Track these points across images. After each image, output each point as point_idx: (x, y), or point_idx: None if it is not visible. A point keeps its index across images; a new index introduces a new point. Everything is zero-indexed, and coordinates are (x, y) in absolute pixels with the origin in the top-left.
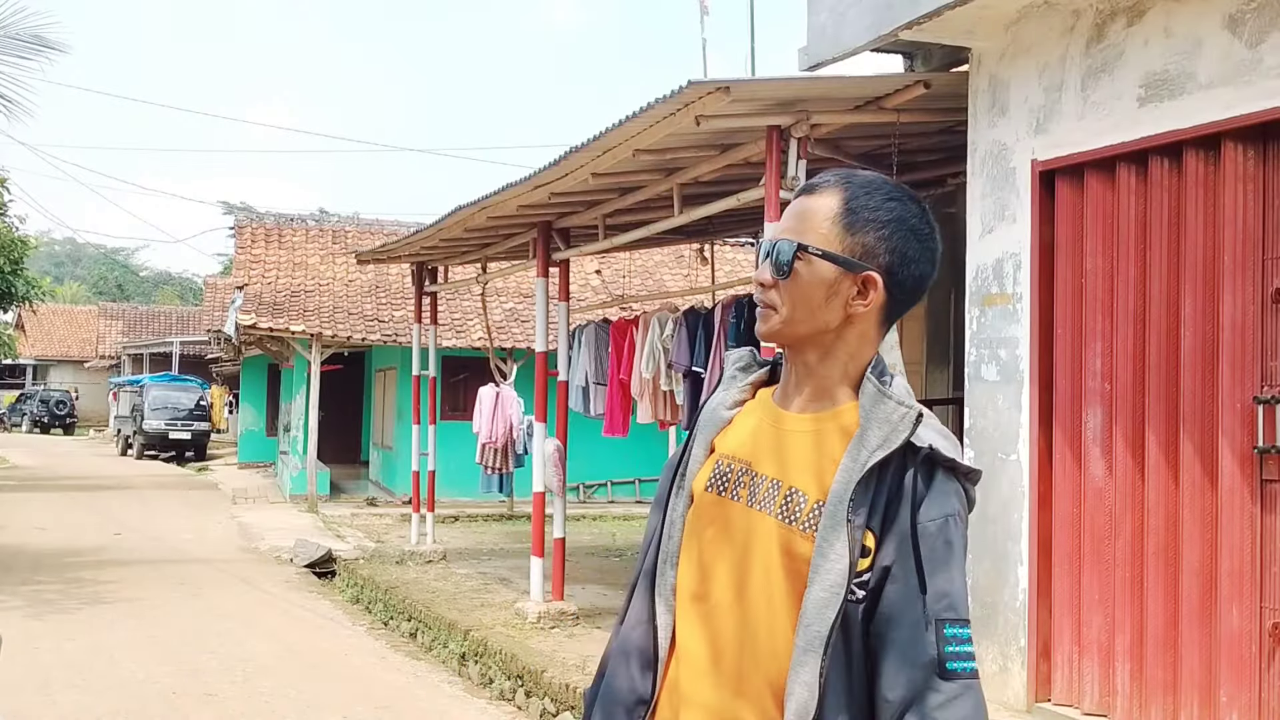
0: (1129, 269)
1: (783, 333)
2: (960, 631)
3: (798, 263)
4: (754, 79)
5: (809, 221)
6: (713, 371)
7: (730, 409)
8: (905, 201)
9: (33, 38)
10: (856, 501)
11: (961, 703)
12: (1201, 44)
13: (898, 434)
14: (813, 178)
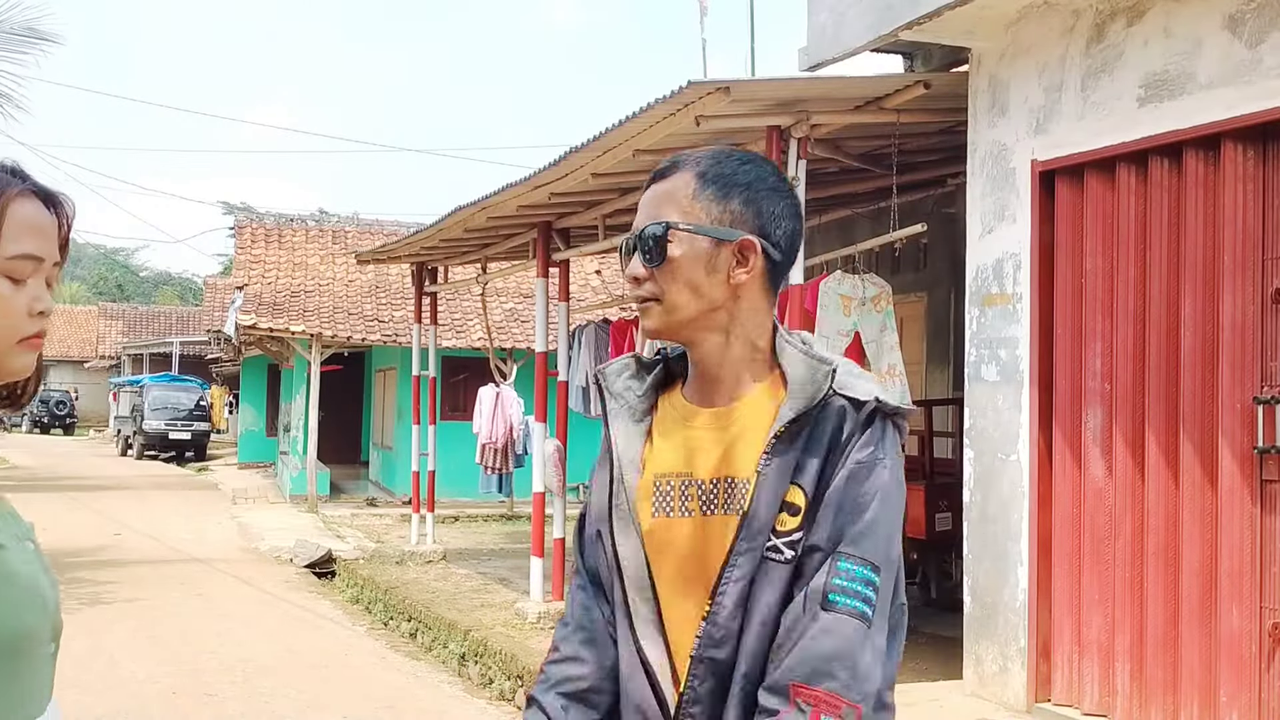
0: (1129, 269)
1: (671, 323)
2: (856, 569)
3: (670, 245)
4: (754, 79)
5: (669, 204)
6: None
7: (640, 422)
8: (758, 163)
9: (26, 30)
10: (772, 454)
11: (831, 637)
12: (1201, 44)
13: (819, 389)
14: (658, 166)
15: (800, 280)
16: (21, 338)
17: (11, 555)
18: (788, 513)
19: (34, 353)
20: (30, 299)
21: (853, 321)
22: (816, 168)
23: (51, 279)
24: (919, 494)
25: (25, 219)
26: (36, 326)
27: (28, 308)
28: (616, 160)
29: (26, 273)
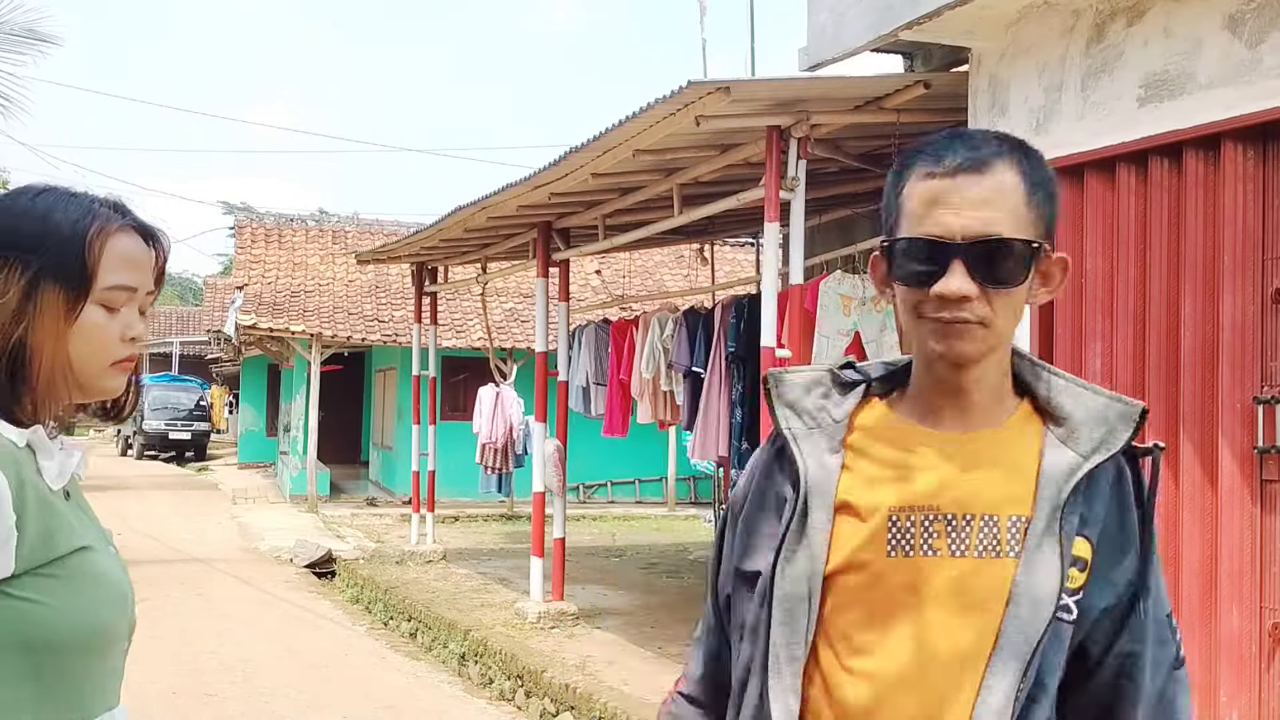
0: (1129, 269)
1: (988, 350)
2: (1167, 621)
3: (1032, 266)
4: (754, 79)
5: (1002, 208)
6: (712, 372)
7: (837, 452)
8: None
9: (26, 31)
10: (1069, 508)
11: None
12: (1201, 44)
13: (1117, 435)
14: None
15: (800, 280)
16: (113, 361)
17: (99, 556)
18: (1076, 568)
19: (125, 374)
20: (123, 326)
21: (853, 321)
22: (816, 168)
23: (144, 306)
24: None
25: (122, 253)
26: (127, 351)
27: (120, 334)
28: (616, 160)
29: (120, 302)
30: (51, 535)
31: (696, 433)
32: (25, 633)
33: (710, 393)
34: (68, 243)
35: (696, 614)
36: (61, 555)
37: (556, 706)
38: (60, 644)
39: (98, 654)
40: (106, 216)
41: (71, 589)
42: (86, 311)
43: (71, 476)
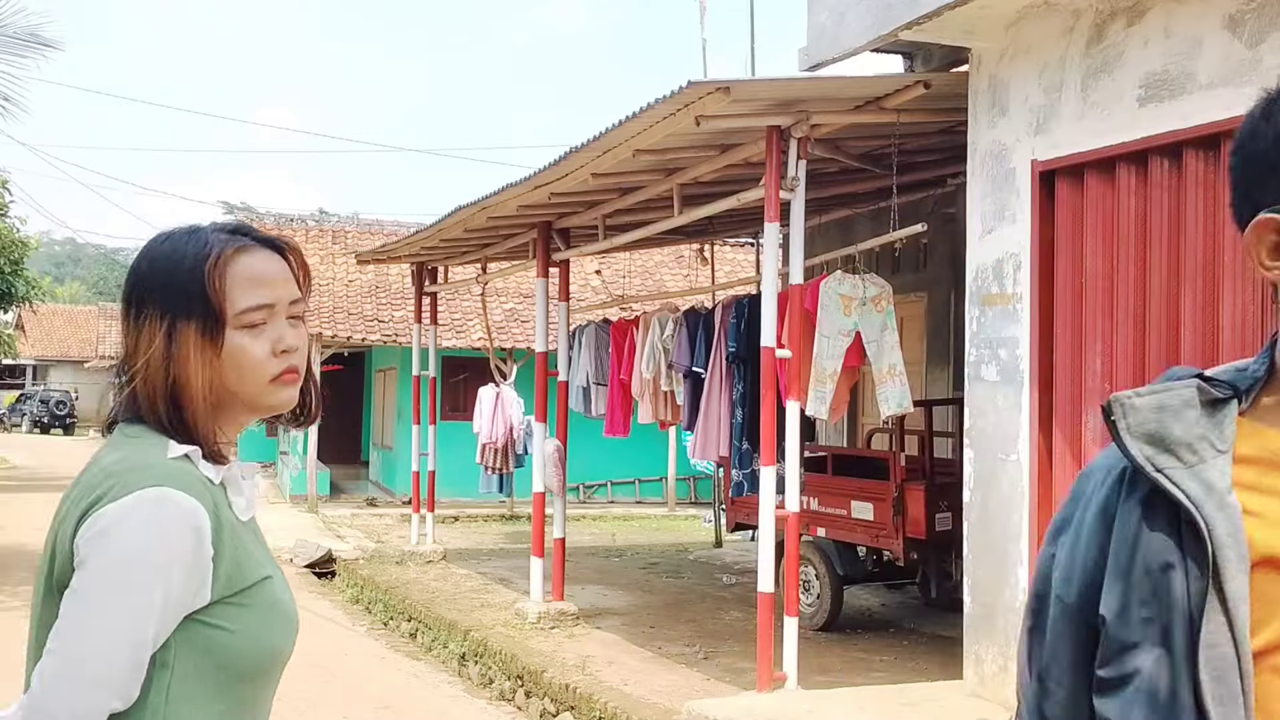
0: (1129, 269)
1: None
2: None
3: None
4: (754, 79)
5: None
6: (713, 372)
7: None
8: None
9: (29, 35)
10: None
11: None
12: (1201, 44)
13: None
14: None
15: (800, 280)
16: (271, 378)
17: (277, 584)
18: None
19: (290, 387)
20: (272, 342)
21: (853, 321)
22: (816, 168)
23: (295, 314)
24: (919, 494)
25: (247, 274)
26: (283, 364)
27: (270, 350)
28: (616, 160)
29: (261, 320)
30: (241, 566)
31: (697, 433)
32: (217, 658)
33: (711, 393)
34: (191, 281)
35: (696, 614)
36: (249, 585)
37: (556, 706)
38: (245, 669)
39: (268, 678)
40: (222, 244)
41: (256, 617)
42: (228, 339)
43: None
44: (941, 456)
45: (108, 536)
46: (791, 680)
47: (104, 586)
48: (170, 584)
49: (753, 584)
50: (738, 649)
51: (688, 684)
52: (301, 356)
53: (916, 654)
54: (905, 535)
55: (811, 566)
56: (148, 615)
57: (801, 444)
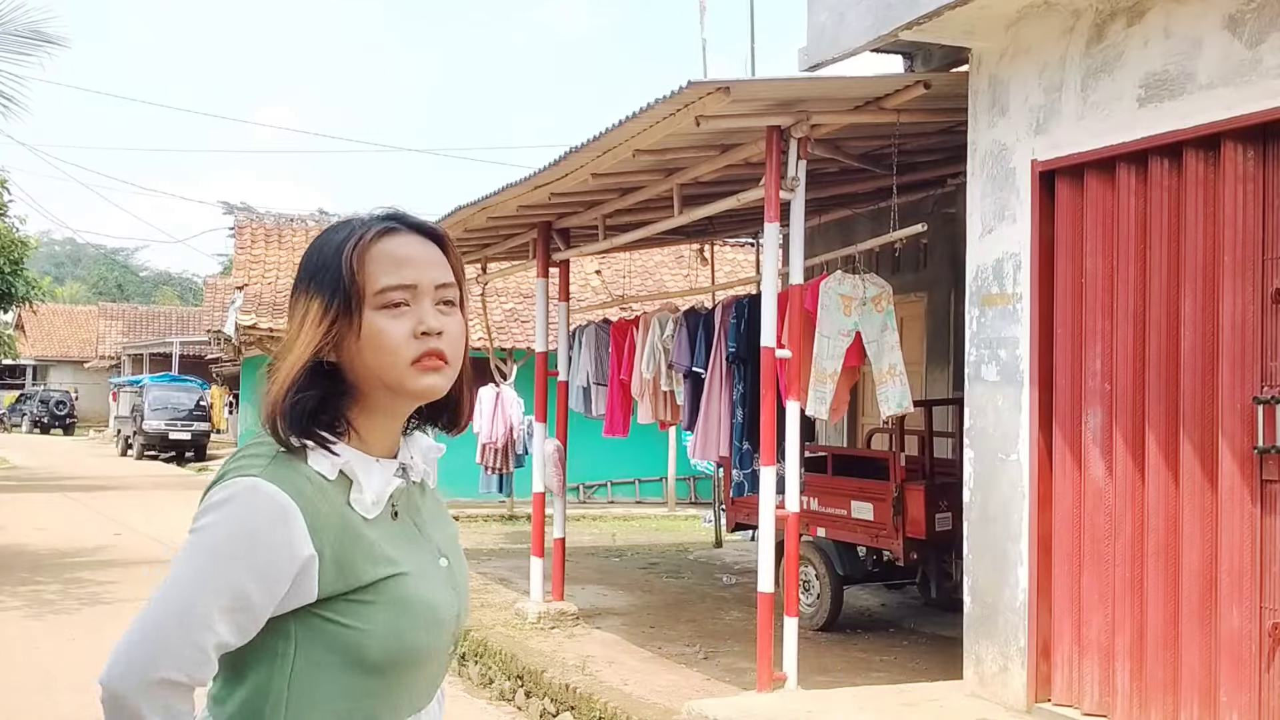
0: (1129, 269)
1: None
2: None
3: None
4: (754, 79)
5: None
6: (713, 373)
7: None
8: None
9: (32, 32)
10: None
11: None
12: (1201, 44)
13: None
14: None
15: (800, 280)
16: (411, 360)
17: (411, 581)
18: None
19: (433, 374)
20: (414, 323)
21: (854, 321)
22: (816, 168)
23: (444, 299)
24: (919, 494)
25: (389, 255)
26: (424, 347)
27: (411, 331)
28: (616, 160)
29: (401, 300)
30: (354, 564)
31: (697, 433)
32: (342, 654)
33: (711, 393)
34: (334, 264)
35: (696, 614)
36: (368, 583)
37: (557, 706)
38: (376, 664)
39: (406, 671)
40: (365, 228)
41: (385, 614)
42: (367, 319)
43: (419, 489)
44: (941, 456)
45: (201, 518)
46: (791, 680)
47: (181, 561)
48: (245, 572)
49: (753, 584)
50: (738, 649)
51: (688, 684)
52: (450, 343)
53: (916, 654)
54: (905, 535)
55: (811, 566)
56: (209, 594)
57: (801, 444)
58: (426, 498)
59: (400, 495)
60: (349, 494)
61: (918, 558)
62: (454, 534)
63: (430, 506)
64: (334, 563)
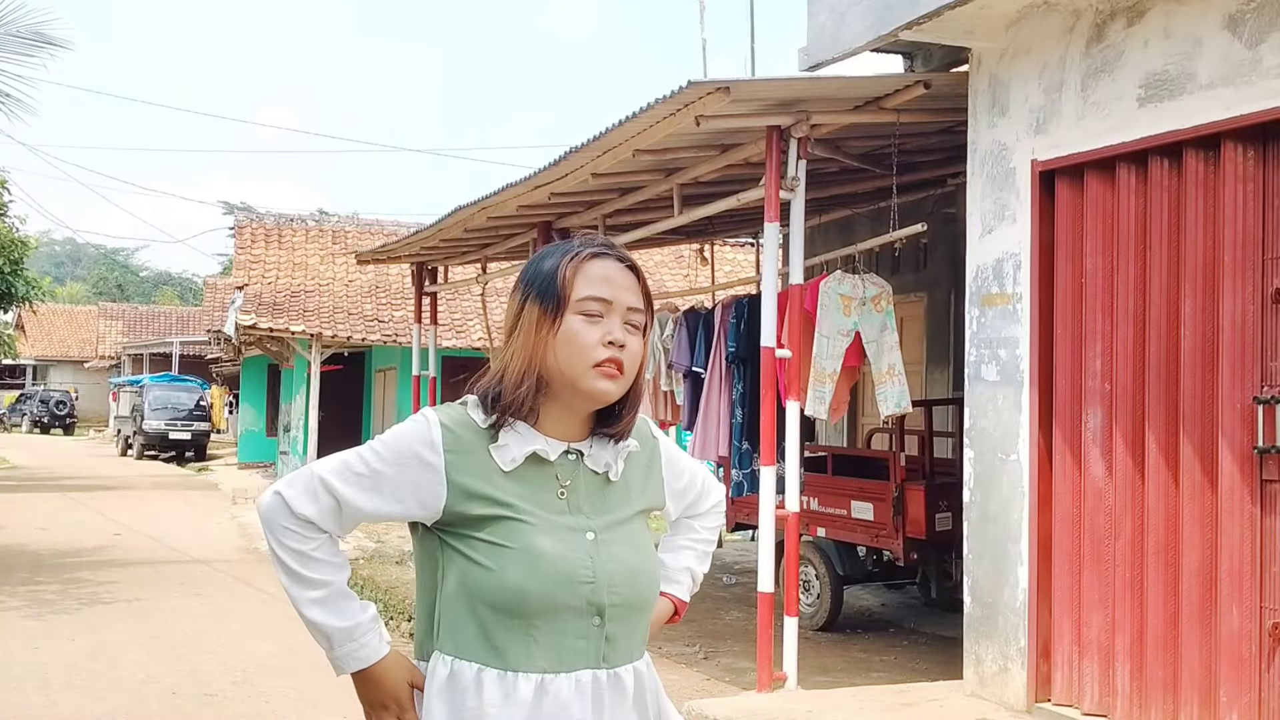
0: (1129, 269)
1: None
2: None
3: None
4: (754, 79)
5: None
6: (712, 372)
7: None
8: None
9: (34, 34)
10: None
11: None
12: (1201, 44)
13: None
14: None
15: (800, 280)
16: (594, 363)
17: (532, 531)
18: None
19: (609, 380)
20: (604, 332)
21: (853, 321)
22: (816, 168)
23: (633, 322)
24: (919, 494)
25: (593, 272)
26: (607, 354)
27: (600, 338)
28: (616, 160)
29: (597, 311)
30: (474, 490)
31: (697, 433)
32: (468, 586)
33: (710, 393)
34: (551, 274)
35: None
36: (480, 515)
37: None
38: (493, 601)
39: (529, 618)
40: (581, 248)
41: (501, 556)
42: (565, 321)
43: (601, 479)
44: (941, 456)
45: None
46: (791, 680)
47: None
48: (382, 449)
49: (753, 584)
50: (738, 649)
51: (688, 684)
52: (630, 356)
53: (916, 654)
54: (905, 535)
55: (811, 566)
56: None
57: (801, 444)
58: (611, 489)
59: (570, 473)
60: (490, 443)
61: (918, 558)
62: (630, 523)
63: (610, 496)
64: (459, 483)
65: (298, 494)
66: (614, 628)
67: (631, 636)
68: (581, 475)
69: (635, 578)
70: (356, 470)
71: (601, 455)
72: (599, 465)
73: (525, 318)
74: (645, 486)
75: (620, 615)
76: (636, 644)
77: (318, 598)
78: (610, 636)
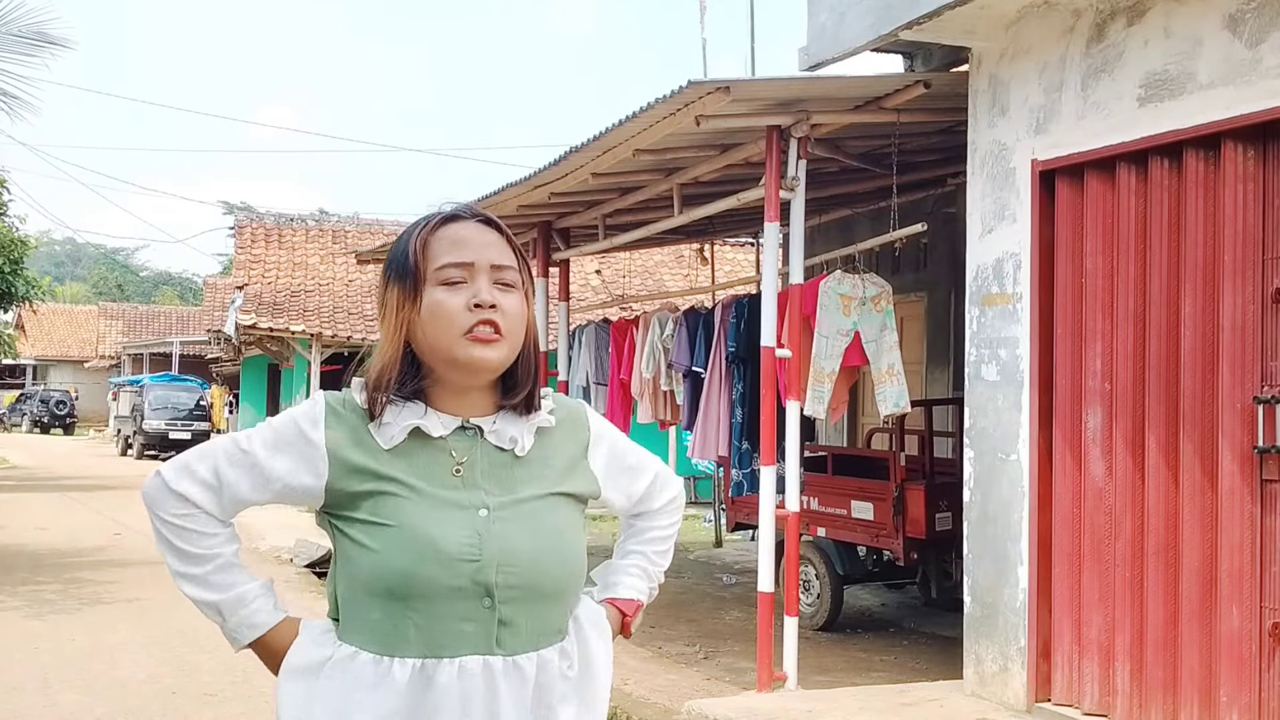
0: (1129, 269)
1: None
2: None
3: None
4: (754, 79)
5: None
6: (712, 372)
7: None
8: None
9: (35, 34)
10: None
11: None
12: (1201, 44)
13: None
14: None
15: (800, 280)
16: (464, 330)
17: (412, 508)
18: None
19: (487, 346)
20: (468, 296)
21: (853, 321)
22: (816, 168)
23: (505, 281)
24: (919, 494)
25: (447, 238)
26: (476, 317)
27: (465, 304)
28: (616, 160)
29: (457, 277)
30: (356, 470)
31: (697, 432)
32: (353, 567)
33: (710, 392)
34: (404, 251)
35: (696, 614)
36: (364, 493)
37: None
38: (377, 585)
39: (410, 600)
40: (430, 218)
41: (379, 534)
42: (426, 294)
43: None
44: (941, 456)
45: None
46: (791, 680)
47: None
48: (266, 432)
49: (753, 584)
50: (738, 649)
51: (688, 684)
52: (507, 316)
53: (916, 654)
54: (905, 535)
55: (811, 566)
56: (239, 446)
57: (801, 444)
58: (520, 467)
59: (467, 449)
60: (371, 423)
61: (918, 558)
62: (539, 502)
63: (517, 474)
64: (340, 458)
65: (177, 473)
66: (510, 611)
67: (537, 622)
68: (481, 451)
69: (538, 558)
70: (239, 448)
71: (507, 430)
72: (503, 441)
73: (389, 301)
74: (571, 469)
75: (517, 598)
76: (546, 631)
77: (202, 573)
78: (506, 620)
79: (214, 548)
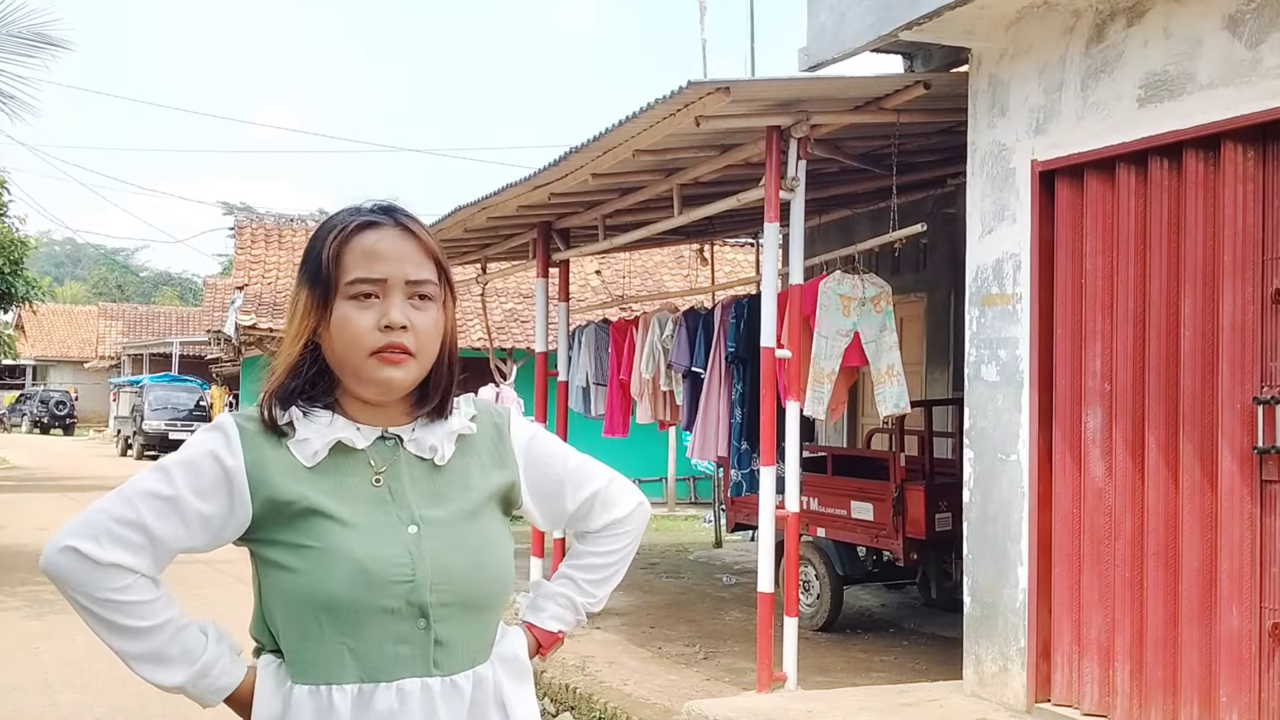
0: (1129, 269)
1: None
2: None
3: None
4: (754, 79)
5: None
6: (712, 372)
7: None
8: None
9: (35, 35)
10: None
11: None
12: (1201, 44)
13: None
14: None
15: (800, 280)
16: (371, 351)
17: (341, 530)
18: None
19: (394, 368)
20: (378, 316)
21: (852, 321)
22: (816, 168)
23: (422, 294)
24: (919, 494)
25: (361, 249)
26: (385, 339)
27: (374, 323)
28: (616, 160)
29: (368, 292)
30: (279, 494)
31: (696, 433)
32: (281, 591)
33: (710, 393)
34: (317, 255)
35: (696, 614)
36: (289, 516)
37: (556, 706)
38: (306, 608)
39: (343, 624)
40: (347, 221)
41: (306, 558)
42: (336, 308)
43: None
44: (941, 456)
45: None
46: (791, 680)
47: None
48: (180, 468)
49: (753, 584)
50: (738, 649)
51: (688, 684)
52: (420, 336)
53: (916, 654)
54: (905, 535)
55: (811, 566)
56: (160, 492)
57: (801, 444)
58: (442, 477)
59: (387, 460)
60: (289, 439)
61: (918, 558)
62: (468, 514)
63: (440, 485)
64: (262, 481)
65: (98, 542)
66: (445, 630)
67: (471, 639)
68: (402, 462)
69: (468, 574)
70: (161, 497)
71: (427, 439)
72: (423, 450)
73: (299, 303)
74: (491, 478)
75: (451, 616)
76: (480, 647)
77: (155, 648)
78: (441, 640)
79: (159, 614)
